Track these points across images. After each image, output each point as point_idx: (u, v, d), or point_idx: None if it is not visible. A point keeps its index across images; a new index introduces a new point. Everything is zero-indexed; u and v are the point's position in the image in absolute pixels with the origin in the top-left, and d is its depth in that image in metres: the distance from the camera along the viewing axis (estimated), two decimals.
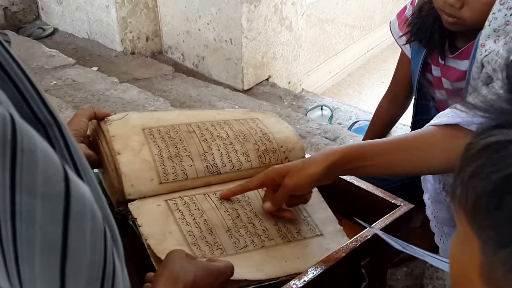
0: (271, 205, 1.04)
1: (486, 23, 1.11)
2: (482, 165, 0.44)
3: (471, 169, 0.45)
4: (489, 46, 1.07)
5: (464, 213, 0.46)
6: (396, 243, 0.86)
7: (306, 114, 2.89)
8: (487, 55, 1.06)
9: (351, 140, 2.37)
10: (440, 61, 1.45)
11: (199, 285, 0.77)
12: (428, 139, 1.00)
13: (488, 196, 0.43)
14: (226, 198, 1.09)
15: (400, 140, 1.04)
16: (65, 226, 0.36)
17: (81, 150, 1.07)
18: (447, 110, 1.01)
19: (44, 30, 3.61)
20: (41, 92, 0.41)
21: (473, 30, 1.32)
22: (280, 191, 1.03)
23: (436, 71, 1.50)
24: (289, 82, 3.32)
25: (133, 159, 1.08)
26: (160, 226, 1.01)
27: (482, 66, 1.08)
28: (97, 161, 1.12)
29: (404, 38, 1.52)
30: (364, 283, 1.06)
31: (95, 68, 3.09)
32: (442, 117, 1.00)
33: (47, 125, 0.41)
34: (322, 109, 2.96)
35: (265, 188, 1.11)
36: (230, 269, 0.84)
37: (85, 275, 0.38)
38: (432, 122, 1.02)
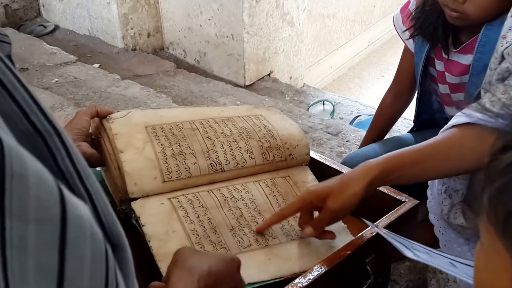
0: (313, 230, 1.00)
1: (509, 13, 1.10)
2: (511, 181, 0.43)
3: (500, 184, 0.44)
4: (510, 37, 1.06)
5: (493, 228, 0.45)
6: (406, 249, 0.85)
7: (308, 109, 2.88)
8: (508, 46, 1.05)
9: (353, 135, 2.37)
10: (444, 55, 1.44)
11: (215, 274, 0.72)
12: (457, 141, 1.00)
13: None
14: (262, 231, 1.04)
15: (431, 146, 1.02)
16: (61, 252, 0.34)
17: (83, 149, 1.06)
18: (465, 110, 1.01)
19: (45, 27, 3.60)
20: (39, 101, 0.40)
21: (476, 24, 1.31)
22: (322, 215, 0.99)
23: (439, 66, 1.49)
24: (290, 77, 3.31)
25: (136, 158, 1.07)
26: (163, 225, 1.00)
27: (503, 58, 1.07)
28: (100, 160, 1.11)
29: (407, 33, 1.52)
30: (370, 280, 1.05)
31: (96, 65, 3.09)
32: (461, 117, 0.99)
33: (46, 135, 0.40)
34: (323, 104, 2.95)
35: (267, 182, 1.09)
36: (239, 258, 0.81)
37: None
38: (451, 122, 1.02)
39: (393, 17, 1.61)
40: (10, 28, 3.39)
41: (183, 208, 1.04)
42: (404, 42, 1.60)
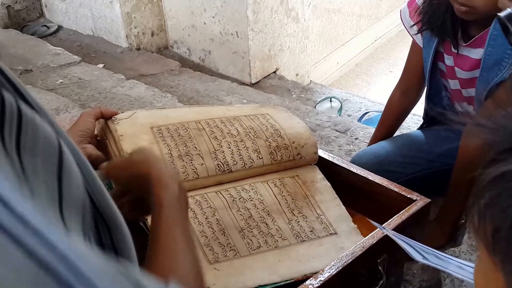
0: None
1: None
2: (498, 195, 0.42)
3: (486, 199, 0.43)
4: None
5: (484, 244, 0.44)
6: (415, 252, 0.83)
7: (315, 107, 2.86)
8: None
9: (362, 132, 2.34)
10: (453, 49, 1.42)
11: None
12: None
13: (507, 229, 0.41)
14: None
15: None
16: (59, 177, 0.46)
17: (88, 151, 1.04)
18: None
19: (48, 27, 3.59)
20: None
21: (486, 17, 1.28)
22: None
23: (448, 60, 1.46)
24: (296, 74, 3.29)
25: None
26: None
27: None
28: (106, 162, 1.10)
29: (415, 27, 1.49)
30: (382, 281, 1.03)
31: (101, 65, 3.07)
32: None
33: None
34: (331, 101, 2.92)
35: (275, 182, 1.07)
36: None
37: (75, 210, 0.48)
38: None
39: (400, 11, 1.59)
40: (13, 29, 3.38)
41: (191, 210, 1.02)
42: (412, 36, 1.57)
